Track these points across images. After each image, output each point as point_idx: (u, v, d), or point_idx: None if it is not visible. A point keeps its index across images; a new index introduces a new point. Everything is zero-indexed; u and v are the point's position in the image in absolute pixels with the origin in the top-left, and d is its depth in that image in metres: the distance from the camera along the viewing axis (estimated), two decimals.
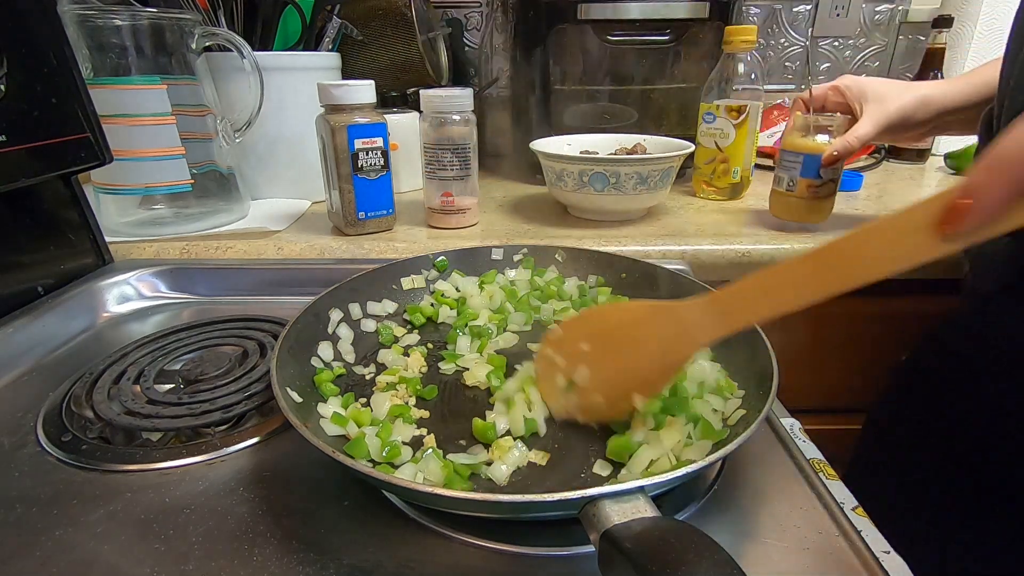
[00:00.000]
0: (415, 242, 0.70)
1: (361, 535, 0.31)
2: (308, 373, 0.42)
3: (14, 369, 0.48)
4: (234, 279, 0.63)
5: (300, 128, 0.81)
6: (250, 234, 0.72)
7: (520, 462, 0.35)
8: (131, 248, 0.67)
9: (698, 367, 0.41)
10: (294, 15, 0.84)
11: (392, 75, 0.95)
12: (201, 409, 0.41)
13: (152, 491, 0.34)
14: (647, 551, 0.22)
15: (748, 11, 1.21)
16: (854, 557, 0.29)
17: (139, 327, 0.57)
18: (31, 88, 0.52)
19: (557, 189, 0.77)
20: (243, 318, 0.54)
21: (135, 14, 0.64)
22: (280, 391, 0.35)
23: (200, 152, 0.72)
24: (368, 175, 0.68)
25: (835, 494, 0.34)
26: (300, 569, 0.29)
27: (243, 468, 0.36)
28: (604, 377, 0.36)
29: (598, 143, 0.85)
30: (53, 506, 0.33)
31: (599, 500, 0.25)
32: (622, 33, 0.90)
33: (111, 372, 0.45)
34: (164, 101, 0.67)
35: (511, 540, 0.31)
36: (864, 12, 1.21)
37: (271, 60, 0.77)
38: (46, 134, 0.54)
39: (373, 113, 0.67)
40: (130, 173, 0.68)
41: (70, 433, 0.39)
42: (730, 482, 0.35)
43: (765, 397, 0.33)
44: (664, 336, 0.34)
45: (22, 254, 0.55)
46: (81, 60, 0.60)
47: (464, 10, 1.21)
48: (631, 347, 0.36)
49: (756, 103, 0.82)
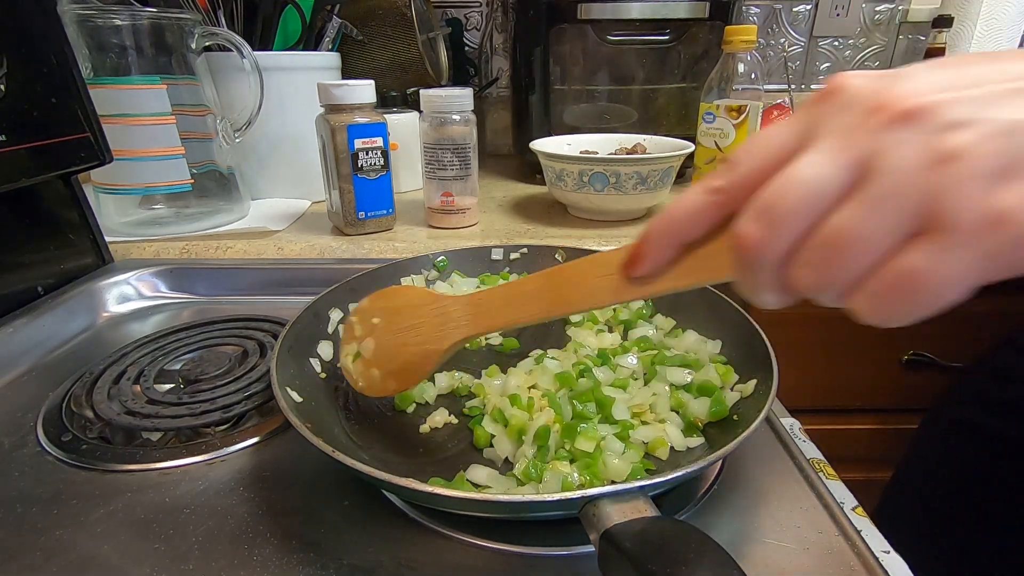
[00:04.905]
0: (415, 242, 0.70)
1: (361, 535, 0.31)
2: (308, 373, 0.42)
3: (14, 369, 0.48)
4: (234, 279, 0.63)
5: (300, 128, 0.81)
6: (250, 234, 0.72)
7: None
8: (131, 248, 0.67)
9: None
10: (294, 15, 0.83)
11: (392, 75, 0.95)
12: (201, 409, 0.41)
13: (152, 491, 0.34)
14: (647, 551, 0.22)
15: (748, 11, 1.21)
16: (854, 557, 0.29)
17: (139, 327, 0.57)
18: (31, 88, 0.52)
19: (557, 189, 0.77)
20: (243, 318, 0.54)
21: (135, 14, 0.64)
22: (280, 391, 0.35)
23: (200, 152, 0.72)
24: (368, 175, 0.68)
25: (835, 494, 0.34)
26: (300, 569, 0.29)
27: (243, 468, 0.36)
28: (382, 353, 0.38)
29: (598, 143, 0.85)
30: (53, 506, 0.33)
31: (599, 500, 0.25)
32: (622, 33, 0.90)
33: (111, 372, 0.45)
34: (164, 101, 0.67)
35: (511, 540, 0.31)
36: (864, 12, 1.21)
37: (271, 60, 0.77)
38: (46, 134, 0.54)
39: (373, 113, 0.67)
40: (130, 173, 0.68)
41: (70, 433, 0.39)
42: (730, 482, 0.35)
43: (765, 397, 0.33)
44: (431, 324, 0.35)
45: (22, 254, 0.55)
46: (81, 60, 0.60)
47: (464, 10, 1.21)
48: (406, 329, 0.37)
49: (756, 103, 0.82)
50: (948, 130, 0.17)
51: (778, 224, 0.20)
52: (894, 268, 0.18)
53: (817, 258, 0.20)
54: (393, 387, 0.37)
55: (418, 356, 0.36)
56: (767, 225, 0.20)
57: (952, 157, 0.17)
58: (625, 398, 0.40)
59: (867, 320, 0.20)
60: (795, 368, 0.73)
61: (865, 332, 0.73)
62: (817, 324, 0.72)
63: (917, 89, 0.18)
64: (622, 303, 0.26)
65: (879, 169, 0.18)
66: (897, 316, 0.19)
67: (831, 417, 0.78)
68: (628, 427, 0.37)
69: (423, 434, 0.40)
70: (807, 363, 0.74)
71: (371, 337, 0.38)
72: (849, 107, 0.19)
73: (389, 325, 0.38)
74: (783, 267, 0.21)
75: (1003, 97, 0.18)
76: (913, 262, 0.18)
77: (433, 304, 0.36)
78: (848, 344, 0.73)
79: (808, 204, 0.19)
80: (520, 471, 0.34)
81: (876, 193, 0.18)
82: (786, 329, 0.72)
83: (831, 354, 0.74)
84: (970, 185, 0.17)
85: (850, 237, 0.19)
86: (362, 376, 0.38)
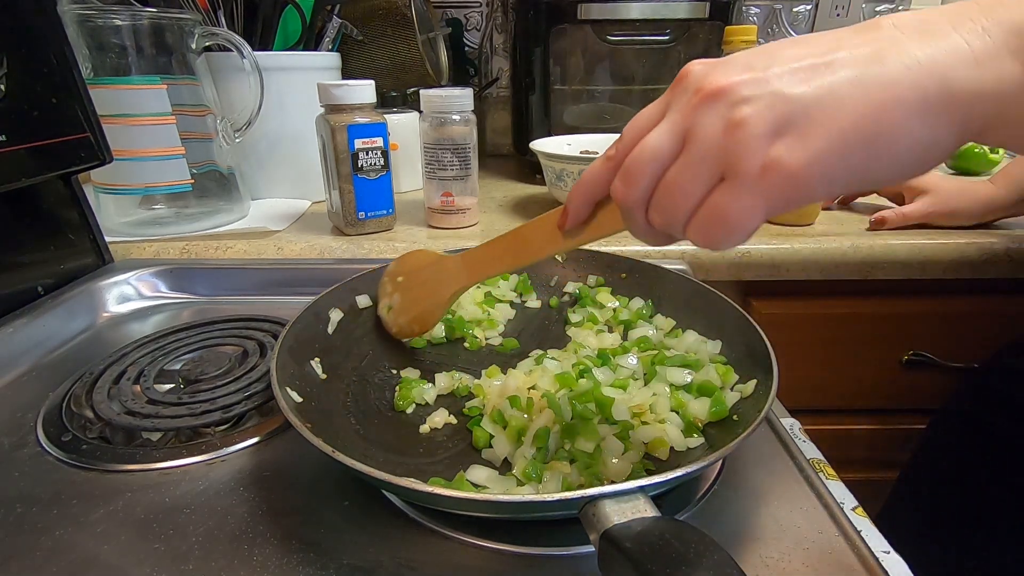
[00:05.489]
0: (415, 242, 0.70)
1: (361, 535, 0.31)
2: (308, 373, 0.42)
3: (14, 369, 0.48)
4: (234, 279, 0.63)
5: (300, 128, 0.81)
6: (250, 234, 0.72)
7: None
8: (131, 248, 0.67)
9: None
10: (294, 15, 0.83)
11: (392, 75, 0.95)
12: (201, 409, 0.41)
13: (152, 491, 0.34)
14: (647, 551, 0.22)
15: (748, 11, 1.21)
16: (854, 557, 0.29)
17: (139, 327, 0.57)
18: (31, 88, 0.52)
19: (557, 189, 0.77)
20: (243, 318, 0.54)
21: (135, 14, 0.64)
22: (280, 391, 0.35)
23: (200, 152, 0.72)
24: (368, 175, 0.68)
25: (835, 494, 0.34)
26: (300, 569, 0.29)
27: (243, 468, 0.36)
28: (406, 305, 0.47)
29: (598, 143, 0.85)
30: (53, 506, 0.33)
31: (599, 500, 0.25)
32: (622, 33, 0.90)
33: (111, 372, 0.45)
34: (164, 101, 0.67)
35: (511, 540, 0.31)
36: (864, 12, 1.21)
37: (271, 60, 0.77)
38: (46, 134, 0.54)
39: (373, 113, 0.67)
40: (130, 173, 0.68)
41: (70, 433, 0.39)
42: (730, 482, 0.35)
43: (765, 397, 0.33)
44: (436, 280, 0.44)
45: (22, 254, 0.55)
46: (81, 60, 0.60)
47: (464, 10, 1.21)
48: (420, 285, 0.46)
49: None
50: (738, 104, 0.24)
51: (633, 180, 0.27)
52: (708, 205, 0.25)
53: (661, 203, 0.27)
54: (417, 330, 0.47)
55: (431, 305, 0.45)
56: (626, 181, 0.28)
57: (739, 124, 0.23)
58: (625, 398, 0.40)
59: (703, 246, 0.27)
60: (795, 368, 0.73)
61: (865, 332, 0.73)
62: (817, 324, 0.72)
63: (726, 73, 0.25)
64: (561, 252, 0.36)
65: (693, 137, 0.25)
66: (718, 241, 0.26)
67: (831, 417, 0.78)
68: (628, 427, 0.37)
69: (423, 434, 0.40)
70: (807, 363, 0.74)
71: (397, 292, 0.48)
72: (685, 90, 0.26)
73: (408, 282, 0.47)
74: (646, 212, 0.28)
75: (785, 75, 0.24)
76: (717, 200, 0.25)
77: (437, 263, 0.45)
78: (848, 344, 0.73)
79: (652, 165, 0.26)
80: (520, 471, 0.34)
81: (692, 154, 0.25)
82: (786, 329, 0.72)
83: (831, 354, 0.74)
84: (751, 143, 0.23)
85: (676, 186, 0.26)
86: (394, 323, 0.48)
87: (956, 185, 0.69)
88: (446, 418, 0.41)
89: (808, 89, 0.23)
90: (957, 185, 0.69)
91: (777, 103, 0.23)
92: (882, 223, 0.70)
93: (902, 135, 0.23)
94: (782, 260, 0.67)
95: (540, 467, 0.34)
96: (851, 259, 0.67)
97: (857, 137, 0.23)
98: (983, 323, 0.72)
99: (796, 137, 0.23)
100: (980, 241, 0.66)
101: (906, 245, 0.67)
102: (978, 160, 0.93)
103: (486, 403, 0.41)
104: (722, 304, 0.45)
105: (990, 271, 0.67)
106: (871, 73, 0.23)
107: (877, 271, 0.67)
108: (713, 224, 0.25)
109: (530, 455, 0.36)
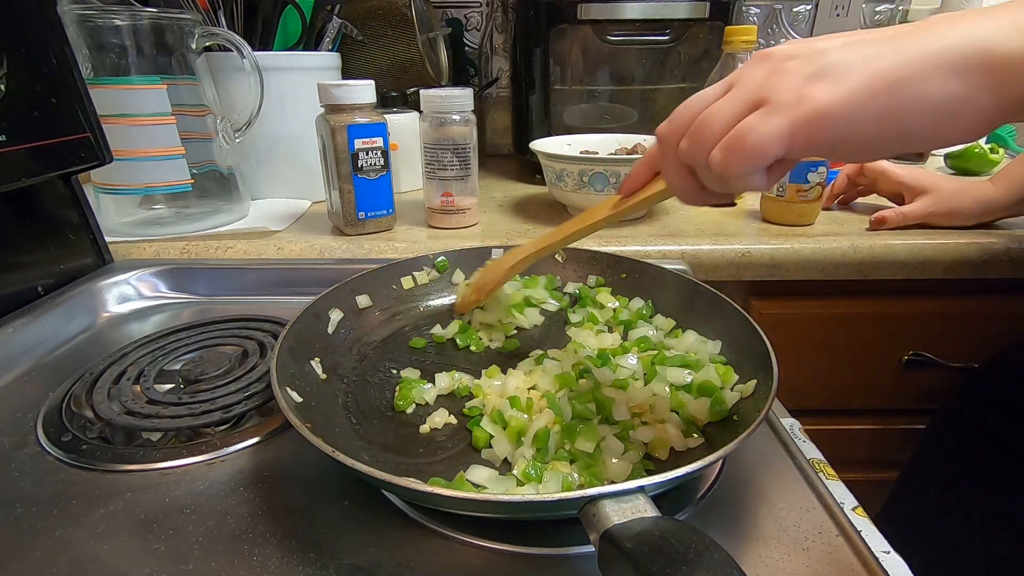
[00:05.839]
0: (415, 242, 0.70)
1: (361, 535, 0.31)
2: (308, 373, 0.42)
3: (14, 369, 0.48)
4: (234, 279, 0.63)
5: (300, 128, 0.81)
6: (250, 234, 0.72)
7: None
8: (131, 248, 0.67)
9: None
10: (294, 15, 0.83)
11: (392, 75, 0.95)
12: (201, 409, 0.41)
13: (152, 491, 0.34)
14: (647, 551, 0.22)
15: (748, 11, 1.21)
16: (854, 557, 0.29)
17: (139, 327, 0.57)
18: (31, 88, 0.52)
19: (557, 189, 0.77)
20: (243, 318, 0.54)
21: (135, 14, 0.64)
22: (280, 391, 0.35)
23: (200, 152, 0.72)
24: (368, 175, 0.68)
25: (835, 494, 0.34)
26: (300, 569, 0.29)
27: (243, 468, 0.36)
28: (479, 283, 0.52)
29: (598, 143, 0.85)
30: (53, 506, 0.33)
31: (599, 500, 0.25)
32: (622, 33, 0.90)
33: (111, 372, 0.45)
34: (164, 101, 0.67)
35: (511, 540, 0.31)
36: (864, 12, 1.21)
37: (271, 60, 0.77)
38: (46, 134, 0.54)
39: (373, 113, 0.67)
40: (130, 173, 0.68)
41: (70, 433, 0.39)
42: (730, 482, 0.35)
43: (765, 397, 0.33)
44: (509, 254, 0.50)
45: (22, 254, 0.55)
46: (81, 60, 0.60)
47: (464, 10, 1.21)
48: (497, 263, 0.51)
49: None
50: (785, 60, 0.28)
51: (676, 118, 0.32)
52: (736, 128, 0.28)
53: (694, 131, 0.30)
54: (473, 299, 0.52)
55: (493, 274, 0.50)
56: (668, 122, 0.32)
57: (781, 71, 0.28)
58: (625, 398, 0.40)
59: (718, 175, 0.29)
60: (795, 368, 0.73)
61: (865, 332, 0.73)
62: (817, 324, 0.72)
63: (779, 46, 0.29)
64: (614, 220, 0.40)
65: (739, 81, 0.30)
66: (735, 164, 0.28)
67: (831, 418, 0.78)
68: (628, 427, 0.37)
69: (423, 434, 0.40)
70: (807, 363, 0.74)
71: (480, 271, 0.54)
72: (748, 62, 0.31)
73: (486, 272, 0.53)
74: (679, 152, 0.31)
75: (831, 45, 0.28)
76: (747, 120, 0.28)
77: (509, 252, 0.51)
78: (848, 344, 0.73)
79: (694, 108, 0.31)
80: (520, 471, 0.34)
81: (734, 92, 0.29)
82: (786, 329, 0.72)
83: (831, 354, 0.74)
84: (789, 81, 0.27)
85: (714, 112, 0.30)
86: (460, 295, 0.54)
87: (956, 185, 0.70)
88: (446, 418, 0.41)
89: (850, 53, 0.27)
90: (957, 185, 0.70)
91: (818, 58, 0.27)
92: (882, 223, 0.70)
93: (932, 85, 0.25)
94: (782, 260, 0.67)
95: (540, 467, 0.34)
96: (851, 259, 0.67)
97: (884, 81, 0.25)
98: (983, 323, 0.72)
99: (831, 80, 0.26)
100: (980, 241, 0.66)
101: (906, 245, 0.67)
102: (978, 160, 0.93)
103: (486, 403, 0.41)
104: (722, 304, 0.45)
105: (990, 271, 0.67)
106: (909, 38, 0.26)
107: (877, 271, 0.68)
108: (736, 143, 0.28)
109: (530, 455, 0.36)
